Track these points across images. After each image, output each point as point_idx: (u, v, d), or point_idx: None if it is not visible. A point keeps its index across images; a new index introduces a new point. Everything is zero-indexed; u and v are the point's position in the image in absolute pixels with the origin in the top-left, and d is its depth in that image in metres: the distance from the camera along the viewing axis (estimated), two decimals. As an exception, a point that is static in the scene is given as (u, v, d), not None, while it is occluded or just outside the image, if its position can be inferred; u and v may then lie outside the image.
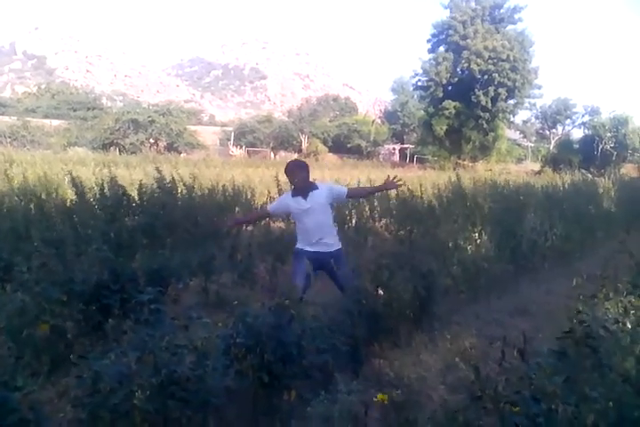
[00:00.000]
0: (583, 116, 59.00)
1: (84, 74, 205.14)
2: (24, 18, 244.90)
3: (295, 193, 4.79)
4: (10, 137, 35.07)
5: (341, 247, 4.90)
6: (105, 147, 35.13)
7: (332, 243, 4.79)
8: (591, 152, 34.98)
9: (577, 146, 38.81)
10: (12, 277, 4.05)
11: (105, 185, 8.23)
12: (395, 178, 4.82)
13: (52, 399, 2.84)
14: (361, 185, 11.93)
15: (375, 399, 2.65)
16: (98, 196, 8.10)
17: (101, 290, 3.94)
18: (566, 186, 15.70)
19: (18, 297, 3.58)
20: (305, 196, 4.72)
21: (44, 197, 8.68)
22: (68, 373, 2.86)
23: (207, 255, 5.85)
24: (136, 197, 8.21)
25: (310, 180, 4.86)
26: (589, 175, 22.34)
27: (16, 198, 8.50)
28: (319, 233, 4.71)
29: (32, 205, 7.91)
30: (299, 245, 4.81)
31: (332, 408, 2.45)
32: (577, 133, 54.50)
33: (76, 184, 8.03)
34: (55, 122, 43.82)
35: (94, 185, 8.65)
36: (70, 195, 8.43)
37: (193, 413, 2.54)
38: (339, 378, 2.65)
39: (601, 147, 35.13)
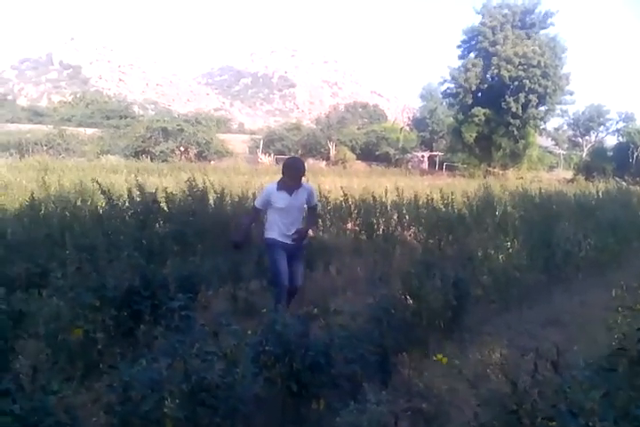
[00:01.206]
0: (617, 122, 57.95)
1: (117, 83, 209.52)
2: (60, 29, 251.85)
3: (281, 187, 5.07)
4: (46, 145, 36.01)
5: (307, 242, 5.42)
6: (137, 154, 35.76)
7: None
8: (626, 160, 34.25)
9: (611, 153, 38.08)
10: (47, 282, 4.14)
11: (136, 193, 8.35)
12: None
13: (86, 404, 2.89)
14: (389, 193, 11.87)
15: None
16: (128, 203, 8.22)
17: (133, 296, 3.99)
18: (600, 194, 15.37)
19: (53, 302, 3.67)
20: (290, 192, 5.04)
21: (78, 203, 8.85)
22: (101, 378, 2.90)
23: (236, 262, 5.89)
24: (166, 205, 8.32)
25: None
26: (624, 184, 21.85)
27: (52, 205, 8.69)
28: (293, 228, 5.07)
29: (67, 212, 8.08)
30: (272, 236, 5.08)
31: (361, 418, 2.43)
32: (611, 141, 53.52)
33: (105, 192, 8.16)
34: (89, 130, 44.85)
35: (126, 192, 8.80)
36: (103, 202, 8.58)
37: (222, 420, 2.55)
38: (367, 388, 2.63)
39: (636, 154, 34.38)
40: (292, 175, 5.03)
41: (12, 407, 1.99)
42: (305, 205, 5.25)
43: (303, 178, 5.18)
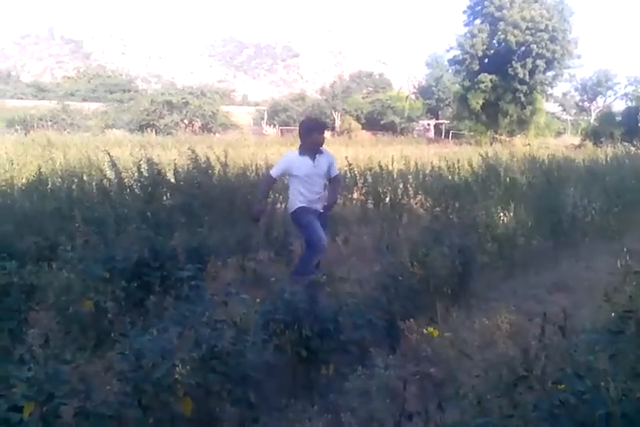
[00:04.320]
0: (626, 87, 56.90)
1: (120, 57, 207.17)
2: (60, 3, 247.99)
3: (303, 152, 5.00)
4: (51, 120, 36.00)
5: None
6: (141, 128, 35.69)
7: (323, 202, 5.26)
8: (634, 124, 33.72)
9: (619, 118, 37.47)
10: (57, 255, 4.18)
11: (142, 166, 8.35)
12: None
13: (99, 372, 2.94)
14: (395, 162, 11.82)
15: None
16: (136, 176, 8.23)
17: (142, 268, 4.03)
18: (608, 160, 15.21)
19: (63, 275, 3.70)
20: (313, 157, 4.99)
21: (85, 178, 8.87)
22: (113, 347, 2.96)
23: (244, 233, 5.92)
24: (172, 177, 8.33)
25: None
26: (633, 149, 21.56)
27: (59, 180, 8.71)
28: (317, 196, 5.08)
29: (74, 186, 8.11)
30: (302, 204, 5.03)
31: (369, 383, 2.47)
32: (619, 105, 52.67)
33: (115, 165, 8.18)
34: (93, 105, 44.73)
35: (132, 166, 8.80)
36: (109, 175, 8.59)
37: (233, 386, 2.60)
38: (375, 353, 2.67)
39: (645, 119, 33.84)
40: (312, 132, 4.99)
41: (28, 375, 2.04)
42: (326, 174, 5.18)
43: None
